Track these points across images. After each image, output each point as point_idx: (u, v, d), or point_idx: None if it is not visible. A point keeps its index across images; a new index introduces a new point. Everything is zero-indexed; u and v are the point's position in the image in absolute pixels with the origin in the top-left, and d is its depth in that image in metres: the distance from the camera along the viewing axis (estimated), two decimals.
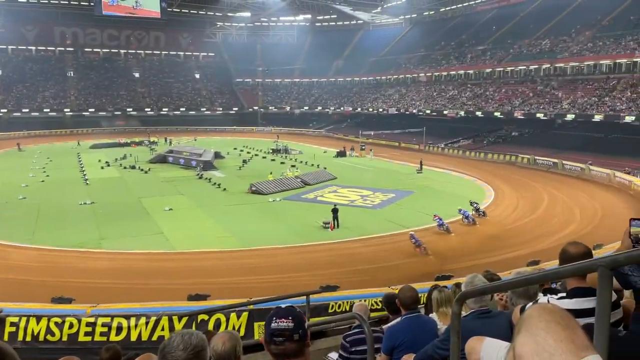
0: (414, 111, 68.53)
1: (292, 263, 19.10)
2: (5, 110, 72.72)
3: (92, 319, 9.20)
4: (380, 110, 75.07)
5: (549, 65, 57.41)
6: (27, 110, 74.25)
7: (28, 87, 78.85)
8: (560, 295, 2.48)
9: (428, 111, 66.52)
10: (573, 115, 48.42)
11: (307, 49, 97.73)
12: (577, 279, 2.44)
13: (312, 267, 18.48)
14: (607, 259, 1.44)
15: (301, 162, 46.49)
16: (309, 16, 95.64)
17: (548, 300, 2.47)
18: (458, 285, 3.62)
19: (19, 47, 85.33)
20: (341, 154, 52.33)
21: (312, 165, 44.38)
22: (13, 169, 41.66)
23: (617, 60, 50.40)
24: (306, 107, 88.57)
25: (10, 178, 36.86)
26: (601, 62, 52.11)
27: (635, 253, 1.30)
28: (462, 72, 69.66)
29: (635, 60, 48.43)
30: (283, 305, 1.99)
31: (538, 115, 51.81)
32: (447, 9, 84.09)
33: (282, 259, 19.60)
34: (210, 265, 18.87)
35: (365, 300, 11.69)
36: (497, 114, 56.95)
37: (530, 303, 2.62)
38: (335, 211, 24.32)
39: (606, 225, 23.16)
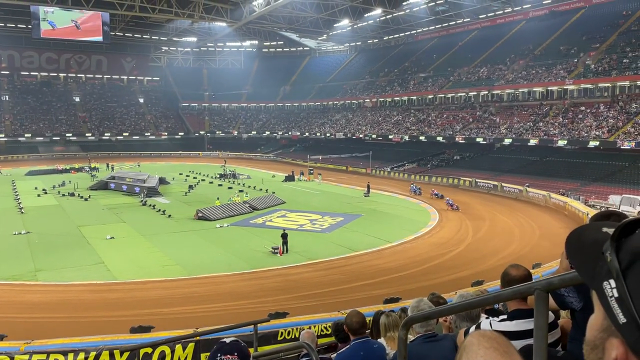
0: (361, 136, 69.86)
1: (241, 290, 18.73)
2: None
3: (26, 357, 8.63)
4: (328, 134, 76.04)
5: (486, 92, 60.28)
6: None
7: None
8: (501, 317, 2.56)
9: (374, 136, 67.98)
10: (510, 140, 50.83)
11: (255, 74, 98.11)
12: (518, 300, 2.52)
13: (261, 294, 18.20)
14: (542, 282, 1.51)
15: (249, 186, 46.13)
16: (255, 42, 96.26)
17: (490, 323, 2.53)
18: (404, 310, 3.66)
19: None
20: (290, 178, 52.38)
21: (261, 190, 44.13)
22: None
23: (549, 88, 53.57)
24: (254, 132, 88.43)
25: None
26: (534, 89, 55.25)
27: (568, 276, 1.36)
28: (405, 98, 71.90)
29: (565, 87, 51.66)
30: (227, 340, 1.93)
31: (478, 139, 54.03)
32: (390, 37, 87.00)
33: (230, 287, 19.20)
34: (155, 295, 18.20)
35: (314, 326, 11.60)
36: (439, 138, 58.95)
37: (474, 326, 2.69)
38: (284, 236, 24.18)
39: (544, 245, 24.23)
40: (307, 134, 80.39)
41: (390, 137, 65.34)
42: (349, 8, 65.59)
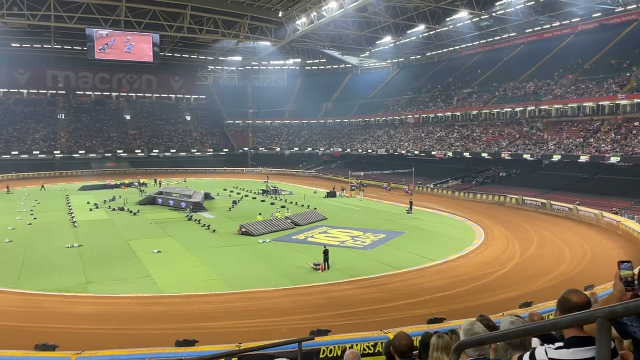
0: (403, 152, 69.33)
1: (282, 306, 18.76)
2: None
3: None
4: (370, 151, 75.87)
5: (534, 107, 58.77)
6: (16, 152, 74.03)
7: (18, 129, 78.90)
8: (557, 344, 2.45)
9: (416, 152, 67.32)
10: (559, 156, 49.23)
11: (297, 92, 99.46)
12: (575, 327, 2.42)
13: (303, 310, 18.16)
14: (605, 309, 1.44)
15: (291, 202, 46.44)
16: (298, 60, 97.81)
17: (545, 351, 2.44)
18: (453, 331, 3.57)
19: (11, 90, 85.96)
20: (331, 194, 52.44)
21: (302, 205, 44.35)
22: (0, 211, 41.12)
23: (600, 102, 51.72)
24: (296, 148, 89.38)
25: None
26: (584, 104, 53.43)
27: (633, 304, 1.30)
28: (449, 114, 71.01)
29: (617, 102, 49.76)
30: None
31: (525, 155, 52.60)
32: (433, 53, 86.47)
33: (271, 302, 19.26)
34: (199, 309, 18.47)
35: (356, 345, 11.49)
36: (484, 154, 57.76)
37: (527, 353, 2.59)
38: (325, 252, 24.12)
39: (596, 266, 23.17)
40: (348, 150, 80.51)
41: (433, 153, 64.54)
42: (391, 25, 65.73)
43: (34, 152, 75.40)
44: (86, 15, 59.75)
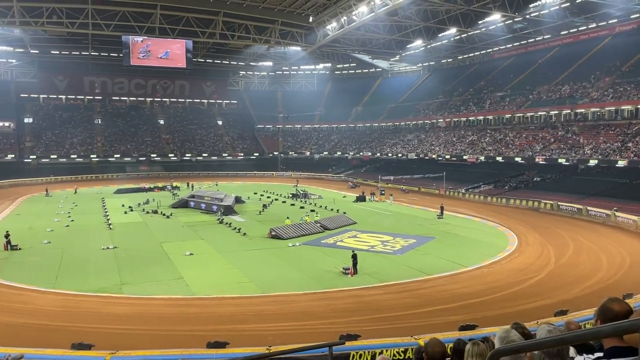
0: (434, 156, 68.60)
1: (312, 310, 18.79)
2: (35, 157, 75.07)
3: None
4: (400, 155, 75.38)
5: (569, 111, 57.31)
6: (55, 156, 76.56)
7: (57, 134, 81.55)
8: (597, 355, 2.39)
9: (448, 156, 66.51)
10: (596, 161, 47.85)
11: (327, 96, 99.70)
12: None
13: (332, 315, 18.15)
14: None
15: (321, 206, 46.51)
16: (328, 64, 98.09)
17: None
18: (486, 339, 3.51)
19: (50, 96, 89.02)
20: (361, 198, 52.27)
21: (332, 209, 44.35)
22: (39, 213, 42.58)
23: (639, 106, 50.11)
24: (326, 152, 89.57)
25: (36, 222, 37.64)
26: (623, 107, 51.85)
27: None
28: (481, 117, 69.92)
29: None
30: None
31: (560, 160, 51.33)
32: (465, 56, 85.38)
33: (301, 306, 19.32)
34: (229, 311, 18.68)
35: (386, 351, 11.41)
36: (518, 159, 56.61)
37: None
38: (354, 257, 24.07)
39: (635, 274, 22.44)
40: (378, 154, 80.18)
41: (465, 157, 63.64)
42: (422, 28, 65.23)
43: (72, 156, 77.77)
44: (122, 23, 61.44)
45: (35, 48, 76.90)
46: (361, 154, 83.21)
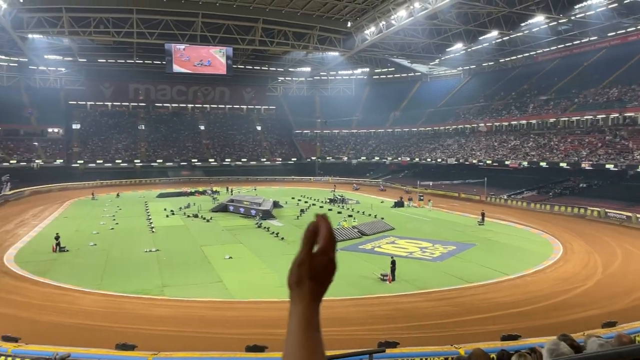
0: (474, 161, 67.28)
1: (349, 316, 18.68)
2: (82, 162, 77.90)
3: None
4: (439, 160, 74.28)
5: (617, 115, 55.18)
6: (100, 161, 79.24)
7: (103, 140, 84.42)
8: None
9: (489, 161, 65.08)
10: None
11: (365, 101, 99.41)
12: None
13: (370, 321, 18.01)
14: None
15: (358, 212, 46.32)
16: (366, 69, 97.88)
17: None
18: (534, 350, 3.40)
19: (97, 103, 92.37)
20: (399, 204, 51.75)
21: (370, 215, 44.10)
22: (86, 216, 44.13)
23: None
24: (363, 157, 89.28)
25: (83, 225, 39.00)
26: None
27: None
28: (524, 122, 68.15)
29: None
30: None
31: (608, 166, 49.43)
32: (507, 59, 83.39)
33: (338, 312, 19.22)
34: (268, 315, 18.78)
35: None
36: (563, 164, 54.83)
37: None
38: (393, 263, 23.83)
39: None
40: (417, 159, 79.29)
41: (506, 162, 62.11)
42: (462, 32, 64.27)
43: (117, 161, 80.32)
44: (165, 31, 63.29)
45: (83, 57, 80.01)
46: (399, 159, 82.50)
